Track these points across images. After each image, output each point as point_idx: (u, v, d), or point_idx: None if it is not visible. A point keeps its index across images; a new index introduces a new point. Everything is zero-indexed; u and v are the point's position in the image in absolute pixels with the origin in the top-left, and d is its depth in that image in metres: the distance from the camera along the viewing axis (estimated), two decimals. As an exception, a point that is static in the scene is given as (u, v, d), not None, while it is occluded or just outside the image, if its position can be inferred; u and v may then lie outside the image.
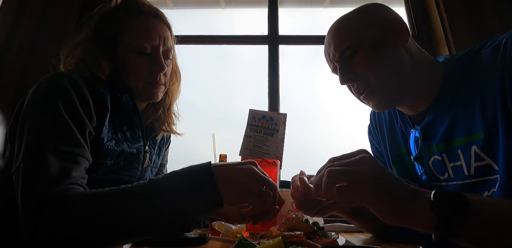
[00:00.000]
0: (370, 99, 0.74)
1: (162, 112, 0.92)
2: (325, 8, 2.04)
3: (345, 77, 0.74)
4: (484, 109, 0.62)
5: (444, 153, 0.69)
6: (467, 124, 0.64)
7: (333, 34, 0.76)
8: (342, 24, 0.76)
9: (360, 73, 0.72)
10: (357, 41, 0.71)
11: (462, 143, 0.65)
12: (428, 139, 0.72)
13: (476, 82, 0.64)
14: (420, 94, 0.72)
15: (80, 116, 0.65)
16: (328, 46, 0.77)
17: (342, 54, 0.73)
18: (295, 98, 1.78)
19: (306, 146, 1.69)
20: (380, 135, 0.91)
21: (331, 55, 0.76)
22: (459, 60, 0.70)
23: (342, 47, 0.73)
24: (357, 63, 0.71)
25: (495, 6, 1.51)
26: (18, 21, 1.50)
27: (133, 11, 0.81)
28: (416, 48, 0.74)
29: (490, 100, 0.61)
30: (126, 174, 0.78)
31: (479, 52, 0.66)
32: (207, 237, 0.70)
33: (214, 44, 1.81)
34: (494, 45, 0.63)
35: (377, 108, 0.76)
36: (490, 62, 0.62)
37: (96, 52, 0.77)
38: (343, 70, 0.74)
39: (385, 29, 0.71)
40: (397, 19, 0.73)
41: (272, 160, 0.85)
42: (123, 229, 0.53)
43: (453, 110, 0.67)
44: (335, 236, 0.63)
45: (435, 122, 0.71)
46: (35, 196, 0.54)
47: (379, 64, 0.70)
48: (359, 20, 0.74)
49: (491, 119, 0.61)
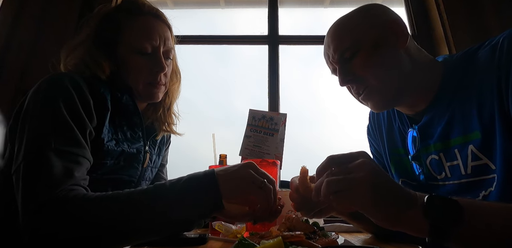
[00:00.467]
0: (369, 99, 0.74)
1: (162, 112, 0.92)
2: (325, 8, 2.04)
3: (345, 79, 0.74)
4: (481, 109, 0.62)
5: (441, 153, 0.70)
6: (464, 124, 0.65)
7: (333, 35, 0.76)
8: (341, 25, 0.76)
9: (360, 74, 0.72)
10: (356, 43, 0.71)
11: (459, 143, 0.66)
12: (426, 139, 0.72)
13: (474, 81, 0.64)
14: (418, 94, 0.72)
15: (80, 116, 0.65)
16: (328, 48, 0.77)
17: (341, 55, 0.73)
18: (295, 98, 1.78)
19: (306, 146, 1.69)
20: (379, 135, 0.91)
21: (330, 57, 0.76)
22: (458, 60, 0.70)
23: (341, 49, 0.73)
24: (356, 64, 0.71)
25: (495, 6, 1.51)
26: (18, 21, 1.50)
27: (133, 11, 0.81)
28: (415, 48, 0.74)
29: (487, 100, 0.61)
30: (126, 174, 0.78)
31: (477, 52, 0.66)
32: (207, 237, 0.70)
33: (214, 44, 1.81)
34: (492, 44, 0.63)
35: (375, 109, 0.76)
36: (487, 61, 0.62)
37: (96, 52, 0.77)
38: (342, 71, 0.74)
39: (385, 30, 0.71)
40: (397, 19, 0.73)
41: (272, 160, 0.85)
42: (124, 231, 0.53)
43: (450, 109, 0.67)
44: (335, 236, 0.63)
45: (433, 122, 0.71)
46: (36, 197, 0.54)
47: (379, 65, 0.70)
48: (358, 21, 0.74)
49: (488, 119, 0.61)
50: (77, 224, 0.52)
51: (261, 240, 0.56)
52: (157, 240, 0.64)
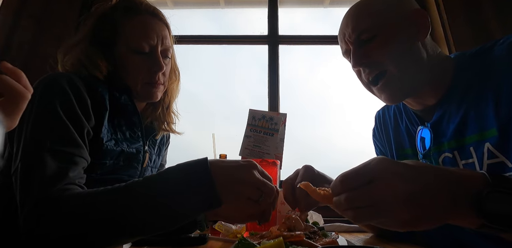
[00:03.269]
0: (387, 89, 0.72)
1: (161, 111, 0.91)
2: (325, 8, 2.04)
3: (359, 62, 0.72)
4: (498, 106, 0.61)
5: (455, 151, 0.68)
6: (479, 121, 0.63)
7: (353, 14, 0.74)
8: (365, 6, 0.74)
9: (376, 59, 0.70)
10: (377, 26, 0.70)
11: (475, 140, 0.64)
12: (439, 136, 0.71)
13: (489, 78, 0.63)
14: (432, 88, 0.71)
15: (77, 116, 0.65)
16: (345, 26, 0.74)
17: (358, 36, 0.72)
18: (295, 98, 1.78)
19: (305, 146, 1.69)
20: (385, 137, 0.91)
21: (346, 36, 0.74)
22: (471, 57, 0.69)
23: (360, 29, 0.71)
24: (373, 48, 0.70)
25: (495, 6, 1.51)
26: (18, 21, 1.50)
27: (130, 10, 0.80)
28: (431, 43, 0.73)
29: (505, 97, 0.60)
30: (126, 174, 0.78)
31: (493, 49, 0.65)
32: (207, 237, 0.70)
33: (214, 44, 1.81)
34: (509, 42, 0.62)
35: (391, 100, 0.74)
36: (505, 58, 0.61)
37: (93, 52, 0.77)
38: (357, 53, 0.72)
39: (407, 19, 0.70)
40: (421, 11, 0.72)
41: (272, 160, 0.84)
42: (117, 226, 0.52)
43: (464, 106, 0.66)
44: (335, 236, 0.63)
45: (445, 119, 0.70)
46: (31, 197, 0.54)
47: (397, 52, 0.69)
48: (382, 5, 0.72)
49: (505, 116, 0.59)
50: (72, 220, 0.52)
51: (261, 240, 0.56)
52: (157, 240, 0.64)
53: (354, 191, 0.43)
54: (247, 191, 0.53)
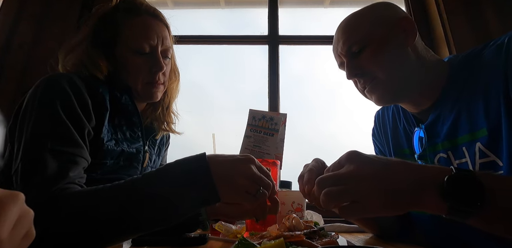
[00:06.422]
0: (373, 92, 0.75)
1: (161, 111, 0.92)
2: (325, 8, 2.04)
3: (352, 73, 0.75)
4: (488, 106, 0.62)
5: (449, 151, 0.70)
6: (470, 122, 0.65)
7: (343, 29, 0.77)
8: (352, 20, 0.77)
9: (367, 69, 0.73)
10: (365, 38, 0.72)
11: (467, 141, 0.66)
12: (433, 137, 0.73)
13: (480, 80, 0.65)
14: (424, 92, 0.73)
15: (78, 116, 0.65)
16: (337, 41, 0.78)
17: (349, 49, 0.74)
18: (295, 98, 1.78)
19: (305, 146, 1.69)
20: (384, 137, 0.92)
21: (339, 50, 0.78)
22: (463, 59, 0.71)
23: (350, 42, 0.74)
24: (364, 59, 0.73)
25: (495, 6, 1.51)
26: (18, 21, 1.50)
27: (131, 11, 0.81)
28: (422, 47, 0.75)
29: (494, 97, 0.61)
30: (126, 174, 0.78)
31: (482, 52, 0.67)
32: (207, 237, 0.70)
33: (214, 44, 1.81)
34: (497, 44, 0.64)
35: (379, 102, 0.76)
36: (493, 60, 0.63)
37: (94, 52, 0.77)
38: (350, 65, 0.75)
39: (394, 27, 0.72)
40: (407, 18, 0.75)
41: (272, 160, 0.84)
42: (118, 223, 0.52)
43: (456, 108, 0.68)
44: (335, 236, 0.63)
45: (439, 120, 0.71)
46: (32, 196, 0.54)
47: (386, 60, 0.71)
48: (369, 17, 0.75)
49: (494, 116, 0.61)
50: (73, 218, 0.52)
51: (262, 240, 0.56)
52: (157, 240, 0.64)
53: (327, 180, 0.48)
54: (245, 185, 0.54)
